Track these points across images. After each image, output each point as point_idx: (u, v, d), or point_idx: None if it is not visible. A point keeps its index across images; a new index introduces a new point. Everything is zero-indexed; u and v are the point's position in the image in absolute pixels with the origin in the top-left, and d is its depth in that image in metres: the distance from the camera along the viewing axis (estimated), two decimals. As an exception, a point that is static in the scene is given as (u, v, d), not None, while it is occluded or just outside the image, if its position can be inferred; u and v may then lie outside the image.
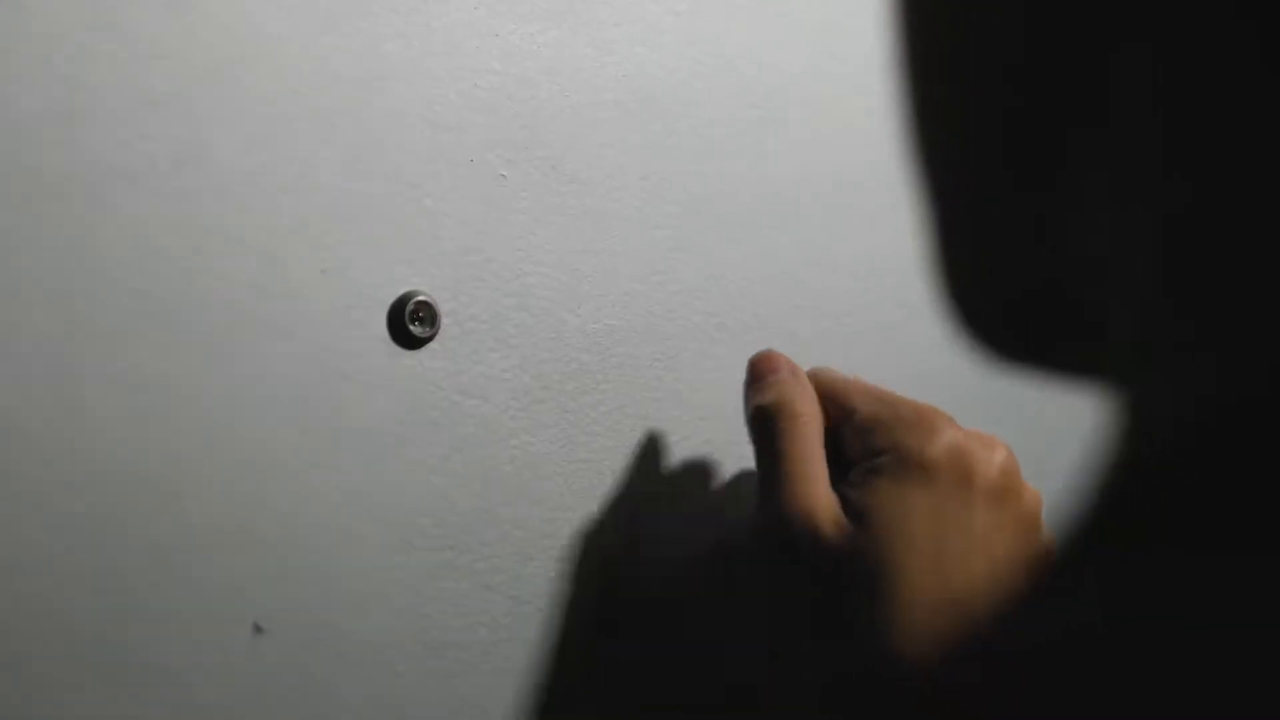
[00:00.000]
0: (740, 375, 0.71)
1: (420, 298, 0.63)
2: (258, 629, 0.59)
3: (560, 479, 0.68)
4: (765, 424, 0.65)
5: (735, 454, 0.73)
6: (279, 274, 0.59)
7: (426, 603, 0.64)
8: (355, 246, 0.61)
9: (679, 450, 0.72)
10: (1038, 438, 0.83)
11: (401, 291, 0.63)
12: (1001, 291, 0.33)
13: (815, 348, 0.76)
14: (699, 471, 0.73)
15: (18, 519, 0.54)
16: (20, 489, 0.54)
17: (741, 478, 0.73)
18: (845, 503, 0.62)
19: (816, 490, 0.62)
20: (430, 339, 0.63)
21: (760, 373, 0.68)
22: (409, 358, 0.63)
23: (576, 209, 0.68)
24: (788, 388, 0.66)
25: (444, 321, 0.64)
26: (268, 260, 0.59)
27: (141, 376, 0.56)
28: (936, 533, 0.60)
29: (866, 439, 0.64)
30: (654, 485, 0.71)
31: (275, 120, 0.59)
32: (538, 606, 0.67)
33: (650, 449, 0.71)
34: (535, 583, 0.67)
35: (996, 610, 0.25)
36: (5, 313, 0.53)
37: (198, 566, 0.58)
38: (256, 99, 0.59)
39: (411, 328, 0.62)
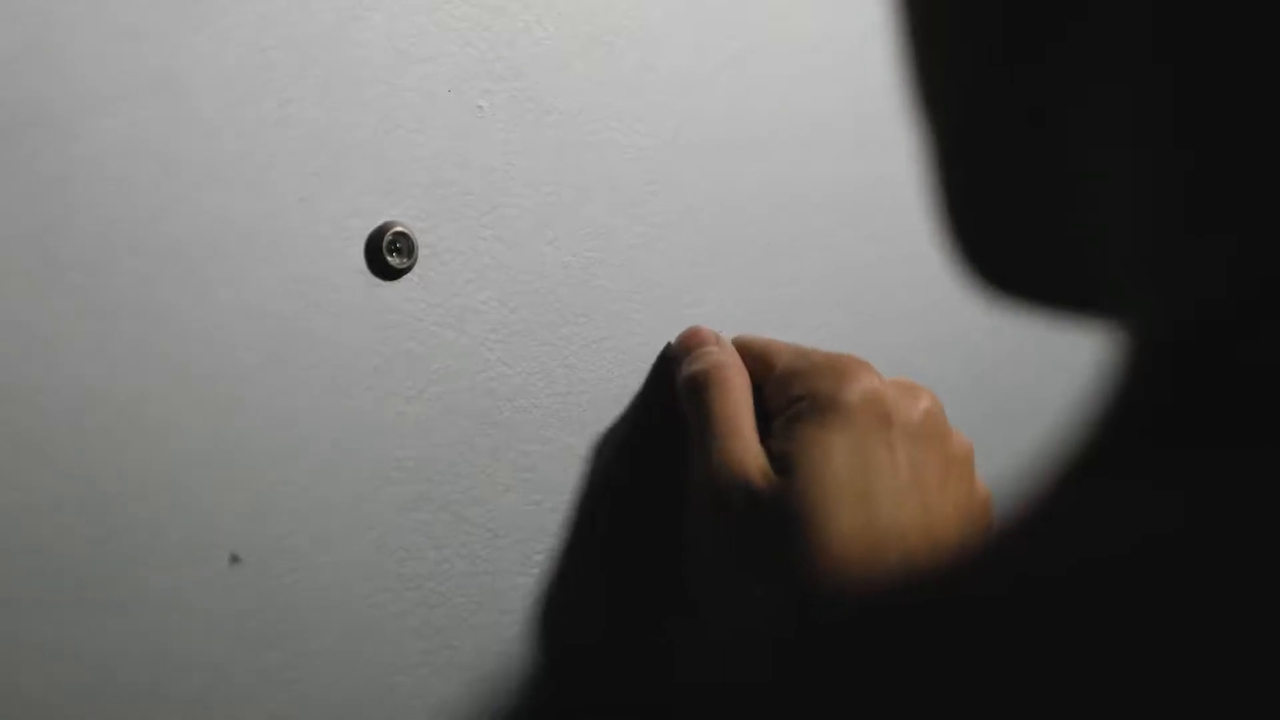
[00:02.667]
0: (720, 307, 0.69)
1: (398, 229, 0.61)
2: (234, 559, 0.57)
3: (538, 411, 0.66)
4: (695, 391, 0.66)
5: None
6: (254, 204, 0.57)
7: (403, 535, 0.62)
8: (332, 177, 0.59)
9: (661, 379, 0.70)
10: (1038, 374, 0.82)
11: (379, 222, 0.61)
12: (1001, 221, 0.32)
13: (799, 281, 0.75)
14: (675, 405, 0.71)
15: (1, 449, 0.52)
16: (1, 419, 0.52)
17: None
18: (770, 454, 0.63)
19: (744, 445, 0.63)
20: (408, 270, 0.62)
21: (688, 346, 0.69)
22: (386, 289, 0.61)
23: (554, 141, 0.66)
24: (714, 355, 0.67)
25: (421, 253, 0.62)
26: (243, 190, 0.57)
27: (115, 307, 0.54)
28: (859, 472, 0.61)
29: (785, 389, 0.65)
30: (630, 419, 0.69)
31: (251, 50, 0.57)
32: (515, 539, 0.66)
33: (627, 383, 0.69)
34: (512, 515, 0.66)
35: (933, 548, 0.24)
36: (-25, 240, 0.52)
37: (174, 497, 0.56)
38: (232, 28, 0.57)
39: (389, 259, 0.61)
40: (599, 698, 0.24)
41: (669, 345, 0.70)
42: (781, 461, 0.62)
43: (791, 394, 0.64)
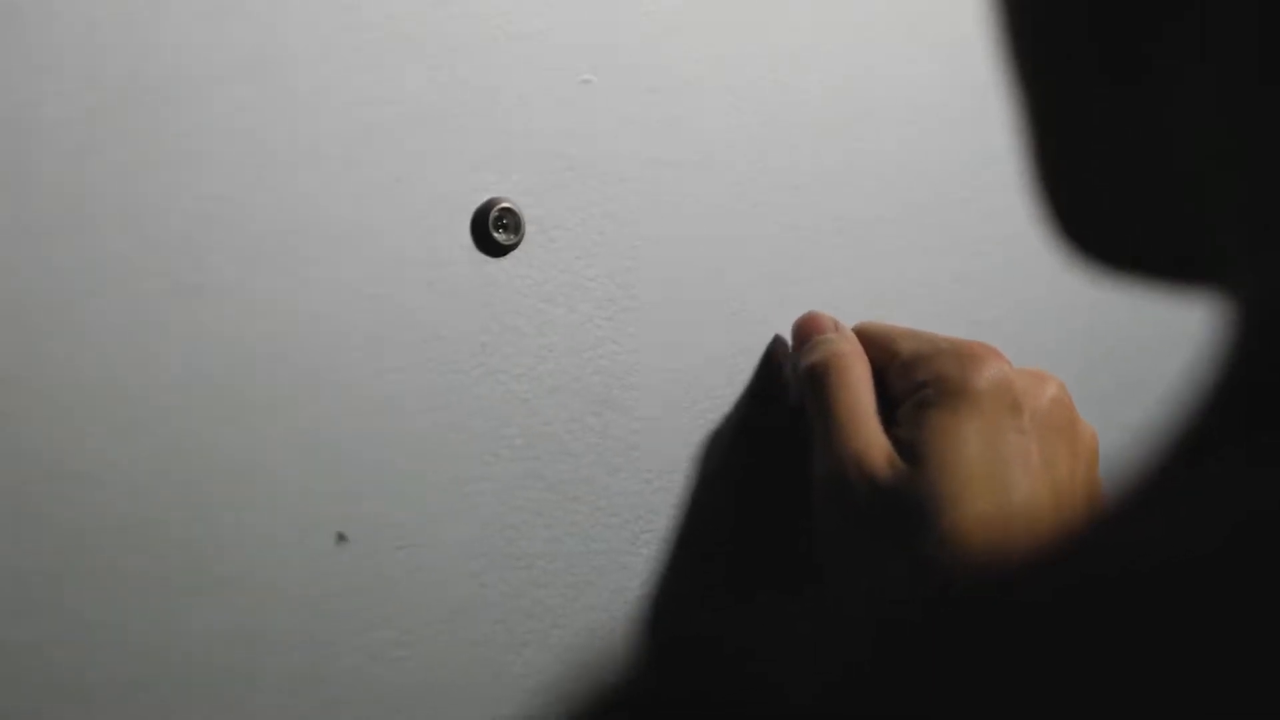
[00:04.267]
0: (828, 284, 0.67)
1: (504, 204, 0.60)
2: (341, 538, 0.56)
3: (648, 389, 0.64)
4: (815, 381, 0.63)
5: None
6: (357, 180, 0.56)
7: (512, 513, 0.61)
8: (437, 153, 0.58)
9: (768, 362, 0.68)
10: (1138, 349, 0.79)
11: (485, 198, 0.59)
12: (1100, 194, 0.30)
13: (904, 257, 0.72)
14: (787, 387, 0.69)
15: (93, 430, 0.52)
16: (92, 400, 0.52)
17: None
18: (897, 443, 0.60)
19: (867, 434, 0.60)
20: (515, 246, 0.60)
21: (805, 334, 0.66)
22: (493, 265, 0.60)
23: (662, 115, 0.64)
24: (834, 344, 0.64)
25: (529, 229, 0.61)
26: (345, 166, 0.56)
27: (211, 287, 0.53)
28: (990, 458, 0.58)
29: (910, 375, 0.62)
30: (741, 398, 0.67)
31: (350, 27, 0.56)
32: (624, 519, 0.64)
33: (737, 361, 0.67)
34: (622, 495, 0.64)
35: (1064, 529, 0.23)
36: (70, 221, 0.51)
37: (280, 477, 0.55)
38: (328, 4, 0.56)
39: (496, 235, 0.59)
40: (707, 680, 0.23)
41: (777, 337, 0.68)
42: (909, 450, 0.59)
43: (917, 380, 0.61)
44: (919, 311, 0.71)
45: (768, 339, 0.68)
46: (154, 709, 0.53)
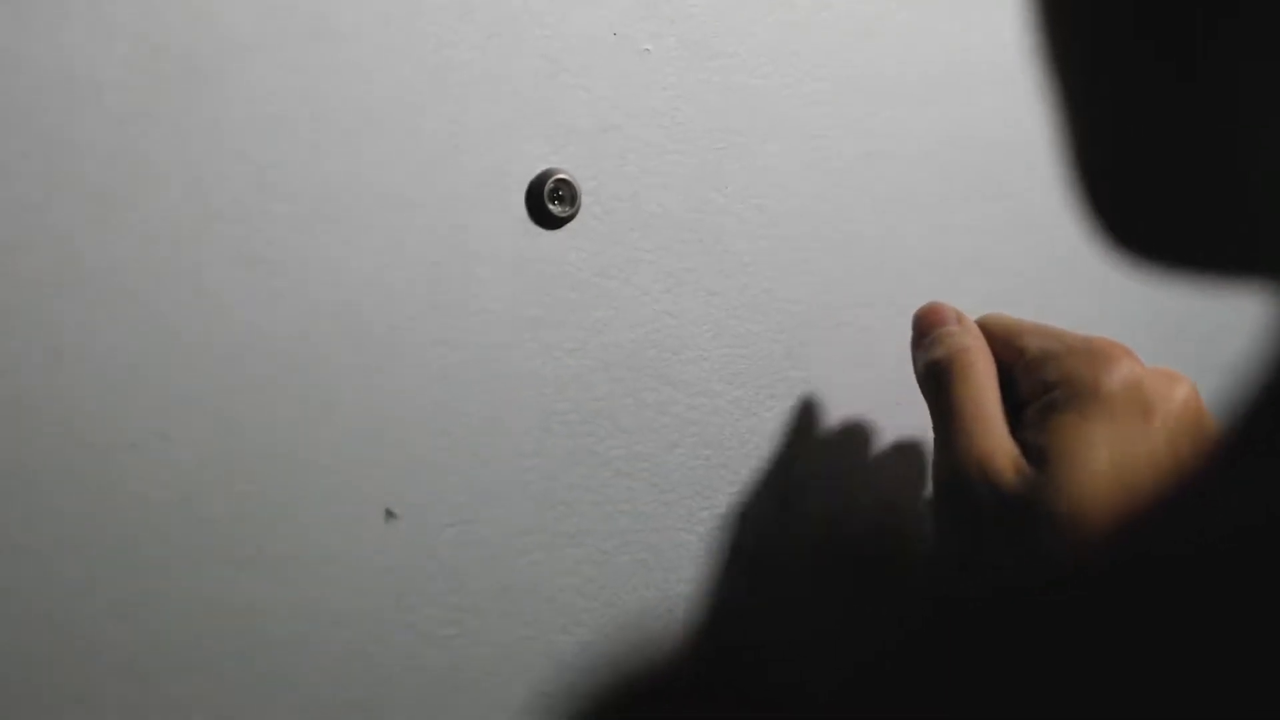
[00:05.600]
0: (893, 257, 0.65)
1: (560, 176, 0.58)
2: (390, 515, 0.55)
3: (706, 364, 0.62)
4: (937, 378, 0.60)
5: (890, 336, 0.67)
6: (410, 151, 0.55)
7: (564, 490, 0.59)
8: (492, 123, 0.56)
9: (833, 335, 0.66)
10: (1184, 342, 0.76)
11: (540, 169, 0.58)
12: (1145, 188, 0.28)
13: (973, 232, 0.69)
14: (853, 354, 0.67)
15: (145, 403, 0.50)
16: (146, 370, 0.50)
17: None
18: (1024, 446, 0.57)
19: (993, 436, 0.57)
20: (570, 218, 0.58)
21: (926, 326, 0.62)
22: (548, 237, 0.58)
23: (723, 85, 0.62)
24: (957, 338, 0.61)
25: (584, 200, 0.59)
26: (399, 137, 0.54)
27: (270, 255, 0.52)
28: (1120, 463, 0.55)
29: (1038, 375, 0.59)
30: (801, 372, 0.65)
31: (408, -9, 0.54)
32: (681, 495, 0.62)
33: (797, 335, 0.65)
34: (679, 471, 0.62)
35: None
36: (133, 187, 0.50)
37: (328, 452, 0.54)
38: (385, -34, 0.54)
39: (550, 207, 0.58)
40: (764, 662, 0.23)
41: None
42: (1037, 454, 0.56)
43: (1046, 380, 0.58)
44: (976, 280, 0.68)
45: (830, 311, 0.66)
46: (204, 685, 0.52)
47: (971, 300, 0.65)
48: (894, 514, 0.68)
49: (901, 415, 0.65)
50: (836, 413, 0.65)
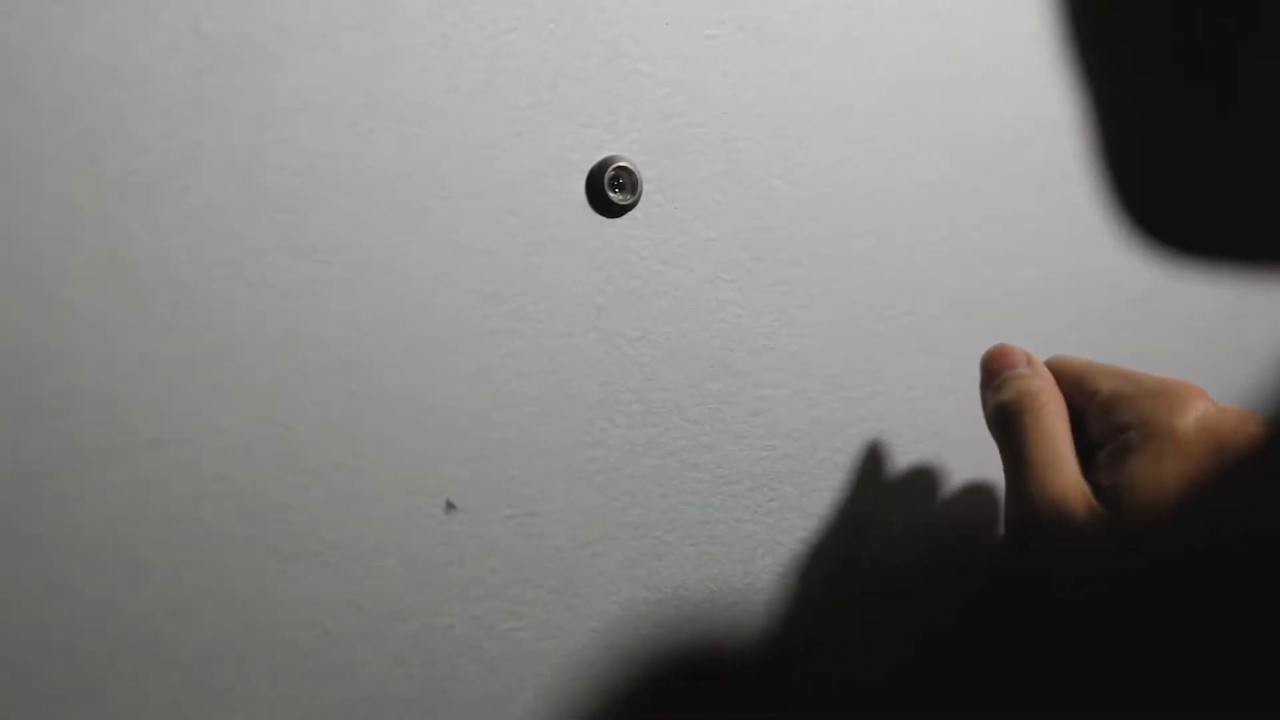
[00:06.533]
0: (953, 248, 0.63)
1: (621, 163, 0.56)
2: (450, 507, 0.54)
3: (772, 353, 0.61)
4: (1008, 421, 0.59)
5: (954, 325, 0.65)
6: (468, 139, 0.54)
7: (628, 481, 0.58)
8: (551, 110, 0.55)
9: (899, 324, 0.64)
10: (1221, 336, 0.73)
11: (601, 157, 0.56)
12: (1176, 183, 0.28)
13: (1030, 220, 0.67)
14: (920, 343, 0.65)
15: (201, 394, 0.50)
16: (198, 363, 0.50)
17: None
18: (1097, 489, 0.55)
19: (1065, 478, 0.56)
20: (631, 207, 0.57)
21: (996, 369, 0.61)
22: (608, 226, 0.57)
23: (786, 70, 0.61)
24: (1026, 380, 0.59)
25: (646, 188, 0.57)
26: (456, 124, 0.53)
27: (323, 243, 0.51)
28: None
29: (1111, 417, 0.57)
30: (869, 362, 0.63)
31: (464, -21, 0.53)
32: (746, 486, 0.61)
33: (865, 324, 0.63)
34: (744, 462, 0.61)
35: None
36: (184, 178, 0.49)
37: (386, 443, 0.53)
38: (440, -47, 0.53)
39: (611, 195, 0.56)
40: (833, 654, 0.23)
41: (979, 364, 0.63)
42: (1110, 496, 0.55)
43: (1119, 422, 0.57)
44: (1030, 275, 0.66)
45: (897, 299, 0.64)
46: (262, 677, 0.51)
47: (1030, 295, 0.63)
48: (964, 509, 0.66)
49: (971, 405, 0.64)
50: (905, 403, 0.64)
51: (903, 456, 0.63)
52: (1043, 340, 0.62)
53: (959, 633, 0.22)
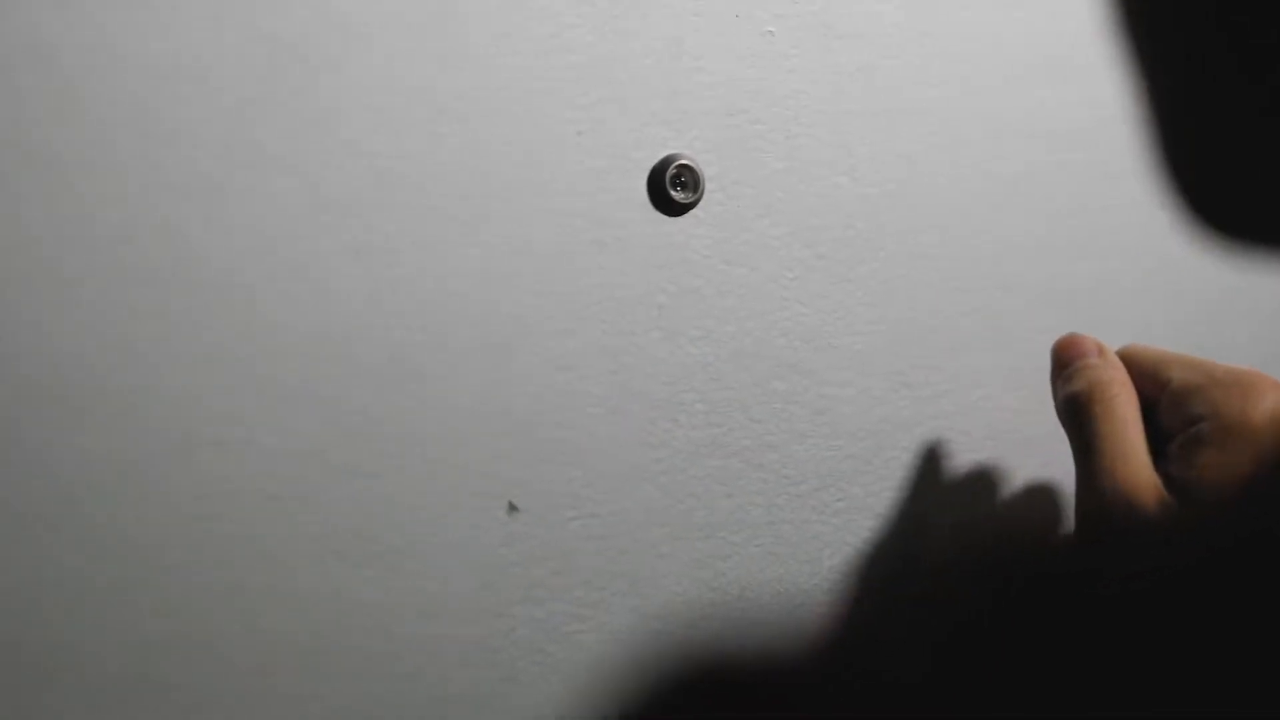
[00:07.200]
0: (1017, 241, 0.62)
1: (682, 161, 0.56)
2: (513, 509, 0.53)
3: (836, 352, 0.60)
4: (1078, 412, 0.57)
5: (1025, 323, 0.64)
6: (528, 137, 0.53)
7: (693, 482, 0.57)
8: (611, 108, 0.54)
9: (966, 321, 0.63)
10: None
11: (662, 155, 0.56)
12: (1231, 170, 0.27)
13: (1104, 212, 0.66)
14: (988, 340, 0.64)
15: (263, 394, 0.49)
16: (263, 362, 0.49)
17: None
18: (1167, 480, 0.54)
19: (1136, 470, 0.55)
20: (693, 205, 0.56)
21: (1067, 359, 0.60)
22: (670, 224, 0.56)
23: (849, 67, 0.59)
24: (1097, 371, 0.58)
25: (708, 186, 0.56)
26: (516, 122, 0.53)
27: (385, 244, 0.51)
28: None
29: (1183, 408, 0.56)
30: (935, 359, 0.62)
31: (525, -23, 0.53)
32: (812, 486, 0.60)
33: (930, 321, 0.62)
34: (810, 462, 0.60)
35: None
36: (244, 179, 0.49)
37: (449, 444, 0.52)
38: (500, -49, 0.52)
39: (673, 193, 0.56)
40: (899, 654, 0.22)
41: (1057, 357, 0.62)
42: (1182, 488, 0.54)
43: (1191, 413, 0.56)
44: (1093, 264, 0.65)
45: (963, 296, 0.63)
46: (325, 679, 0.51)
47: (1096, 289, 0.62)
48: (1030, 509, 0.65)
49: (1037, 402, 0.62)
50: (971, 401, 0.62)
51: (969, 455, 0.62)
52: (1108, 336, 0.61)
53: (1026, 633, 0.22)
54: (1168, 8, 0.27)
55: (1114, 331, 0.63)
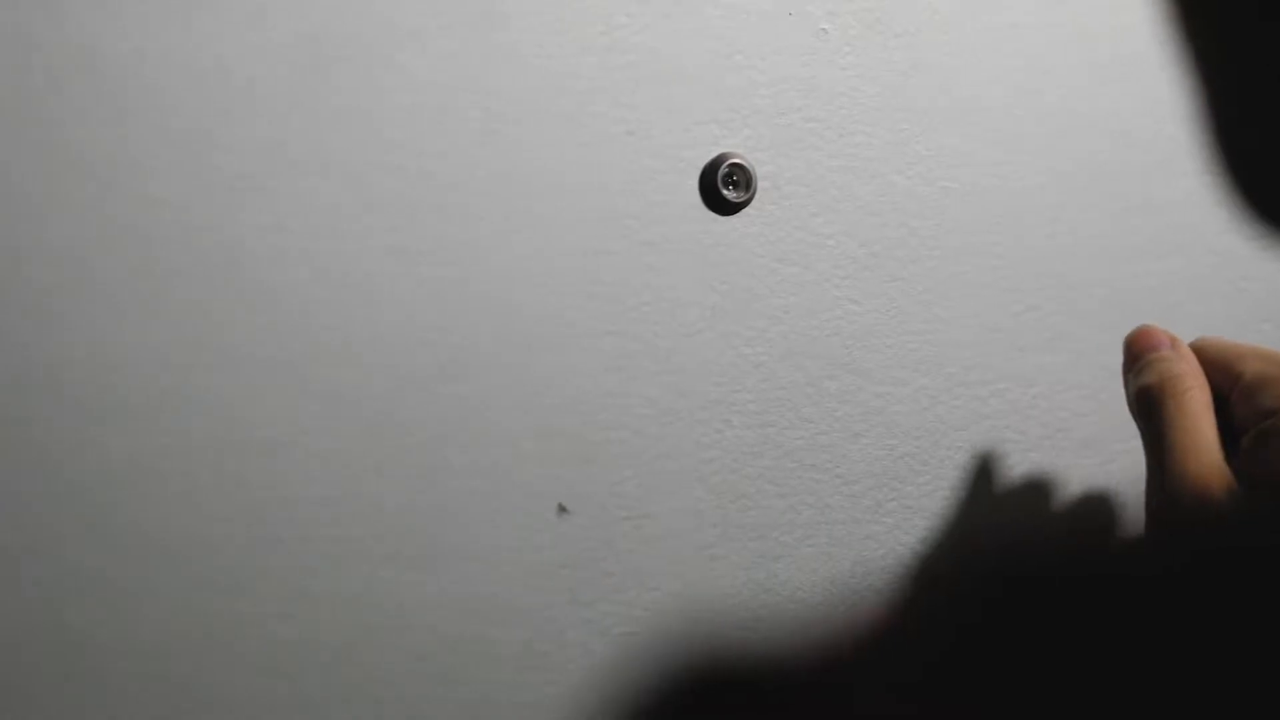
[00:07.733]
0: (1074, 239, 0.61)
1: (735, 160, 0.55)
2: (562, 510, 0.53)
3: (890, 351, 0.59)
4: (1149, 405, 0.56)
5: (1083, 321, 0.63)
6: (579, 136, 0.53)
7: (745, 482, 0.56)
8: (663, 107, 0.54)
9: (1023, 320, 0.62)
10: None
11: (715, 154, 0.55)
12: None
13: (1164, 210, 0.65)
14: (1044, 340, 0.63)
15: (313, 395, 0.49)
16: (313, 363, 0.49)
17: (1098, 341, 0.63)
18: (1240, 474, 0.53)
19: (1208, 464, 0.53)
20: (746, 204, 0.56)
21: (1139, 351, 0.58)
22: (722, 223, 0.55)
23: (903, 64, 0.59)
24: (1169, 364, 0.57)
25: (761, 185, 0.56)
26: (566, 122, 0.52)
27: (435, 245, 0.51)
28: None
29: (1255, 401, 0.55)
30: (990, 358, 0.61)
31: (576, -24, 0.52)
32: (866, 486, 0.59)
33: (986, 320, 0.61)
34: (864, 462, 0.59)
35: None
36: (294, 182, 0.49)
37: (498, 445, 0.52)
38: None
39: (725, 192, 0.55)
40: (955, 657, 0.22)
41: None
42: (1253, 482, 0.53)
43: (1263, 407, 0.55)
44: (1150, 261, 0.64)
45: (1019, 295, 0.62)
46: (376, 679, 0.51)
47: (1155, 288, 0.61)
48: (1086, 511, 0.64)
49: (1093, 403, 0.61)
50: (1026, 401, 0.62)
51: (1025, 455, 0.61)
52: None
53: (1085, 633, 0.21)
54: (1223, 4, 0.26)
55: (1173, 329, 0.62)
